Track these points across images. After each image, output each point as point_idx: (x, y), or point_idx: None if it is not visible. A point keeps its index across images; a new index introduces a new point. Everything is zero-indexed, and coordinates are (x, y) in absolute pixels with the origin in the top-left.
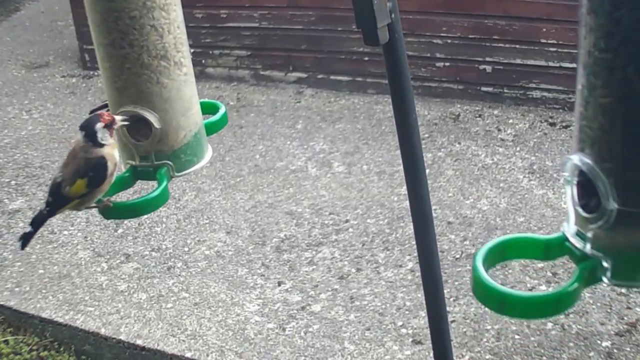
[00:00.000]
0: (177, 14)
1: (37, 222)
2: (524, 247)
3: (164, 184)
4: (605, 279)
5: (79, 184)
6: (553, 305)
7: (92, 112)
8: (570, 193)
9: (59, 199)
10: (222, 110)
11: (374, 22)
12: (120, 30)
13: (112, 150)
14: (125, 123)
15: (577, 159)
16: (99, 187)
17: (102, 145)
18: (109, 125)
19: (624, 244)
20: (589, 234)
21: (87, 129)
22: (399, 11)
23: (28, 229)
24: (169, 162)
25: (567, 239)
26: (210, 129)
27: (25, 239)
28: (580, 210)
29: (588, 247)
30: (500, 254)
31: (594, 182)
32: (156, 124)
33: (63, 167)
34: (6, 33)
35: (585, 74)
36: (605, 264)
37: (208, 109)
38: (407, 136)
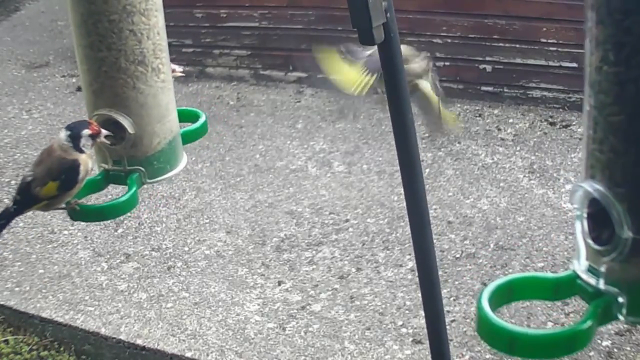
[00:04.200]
0: (157, 20)
1: (3, 218)
2: (531, 286)
3: (134, 189)
4: (620, 316)
5: (50, 186)
6: (566, 345)
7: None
8: (580, 227)
9: (27, 199)
10: (202, 119)
11: (369, 21)
12: (99, 33)
13: (87, 158)
14: (107, 140)
15: (587, 185)
16: (69, 191)
17: (81, 151)
18: (93, 136)
19: None
20: (602, 268)
21: (74, 130)
22: (399, 11)
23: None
24: (141, 168)
25: (578, 277)
26: (189, 137)
27: None
28: (592, 243)
29: (601, 283)
30: (506, 295)
31: (607, 210)
32: (130, 129)
33: (35, 166)
34: (6, 33)
35: (593, 93)
36: (620, 300)
37: (188, 117)
38: (404, 136)
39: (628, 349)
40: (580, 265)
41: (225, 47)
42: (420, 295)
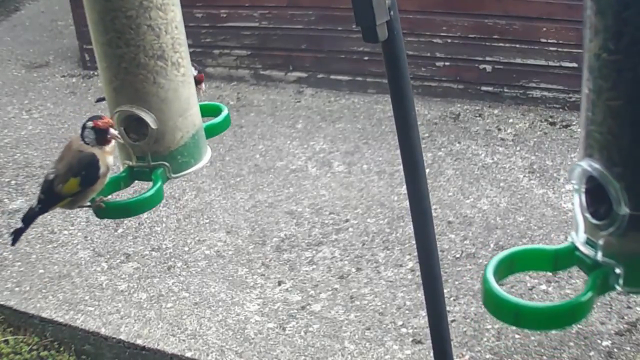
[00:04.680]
0: (175, 14)
1: (29, 218)
2: (532, 258)
3: (159, 184)
4: (618, 287)
5: (72, 183)
6: (568, 315)
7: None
8: (578, 201)
9: (51, 197)
10: (225, 112)
11: (372, 19)
12: (117, 29)
13: (105, 153)
14: (118, 138)
15: (586, 164)
16: (91, 186)
17: (87, 143)
18: (97, 130)
19: (636, 249)
20: (600, 242)
21: (85, 123)
22: (399, 10)
23: (19, 225)
24: (165, 163)
25: (576, 248)
26: (212, 131)
27: (16, 235)
28: (590, 217)
29: (599, 255)
30: (508, 266)
31: (604, 187)
32: (152, 124)
33: (57, 162)
34: (6, 33)
35: (592, 77)
36: (617, 271)
37: (210, 111)
38: (407, 134)
39: (628, 349)
40: (578, 238)
41: (225, 47)
42: (420, 295)
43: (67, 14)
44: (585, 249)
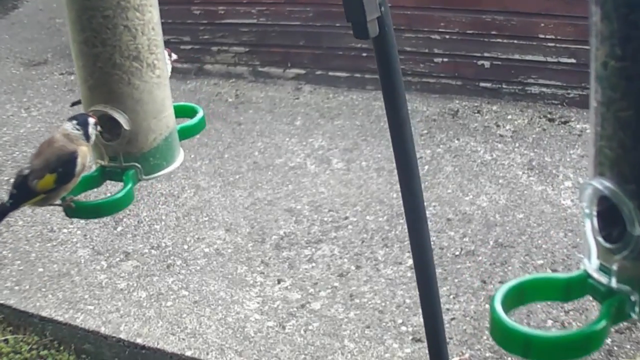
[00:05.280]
0: (152, 15)
1: None
2: (542, 287)
3: (129, 186)
4: (634, 315)
5: (47, 179)
6: (582, 346)
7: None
8: (590, 225)
9: (24, 192)
10: (200, 114)
11: (363, 15)
12: (94, 28)
13: (86, 150)
14: (100, 134)
15: (597, 183)
16: (66, 184)
17: (89, 140)
18: (95, 126)
19: None
20: (614, 267)
21: (80, 119)
22: (397, 7)
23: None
24: (137, 164)
25: (589, 276)
26: (186, 133)
27: None
28: (602, 241)
29: (613, 281)
30: (518, 297)
31: (618, 207)
32: (126, 125)
33: (34, 158)
34: (4, 31)
35: (600, 88)
36: (633, 298)
37: (185, 112)
38: (399, 131)
39: (628, 346)
40: (591, 264)
41: (223, 44)
42: None
43: (65, 12)
44: (598, 276)
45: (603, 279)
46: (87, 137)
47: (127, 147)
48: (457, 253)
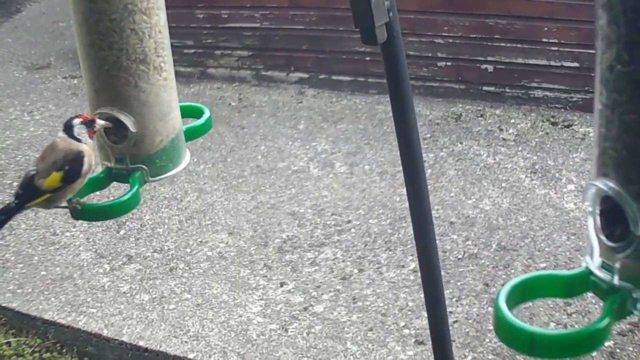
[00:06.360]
0: (159, 18)
1: (4, 214)
2: (545, 285)
3: (136, 188)
4: (636, 312)
5: (54, 177)
6: (586, 343)
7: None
8: (593, 223)
9: (29, 192)
10: (207, 114)
11: (371, 21)
12: (100, 32)
13: (91, 151)
14: (107, 125)
15: (600, 183)
16: (72, 183)
17: (79, 140)
18: (87, 124)
19: None
20: (616, 265)
21: (66, 123)
22: (400, 11)
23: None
24: (143, 166)
25: (591, 273)
26: (193, 133)
27: None
28: (605, 239)
29: (616, 279)
30: (521, 294)
31: (621, 207)
32: (132, 127)
33: (39, 161)
34: (7, 34)
35: (606, 91)
36: (635, 295)
37: (192, 112)
38: (406, 136)
39: (630, 349)
40: (593, 262)
41: (226, 48)
42: (422, 296)
43: (68, 15)
44: (600, 273)
45: (605, 276)
46: (75, 138)
47: (134, 149)
48: (460, 256)
